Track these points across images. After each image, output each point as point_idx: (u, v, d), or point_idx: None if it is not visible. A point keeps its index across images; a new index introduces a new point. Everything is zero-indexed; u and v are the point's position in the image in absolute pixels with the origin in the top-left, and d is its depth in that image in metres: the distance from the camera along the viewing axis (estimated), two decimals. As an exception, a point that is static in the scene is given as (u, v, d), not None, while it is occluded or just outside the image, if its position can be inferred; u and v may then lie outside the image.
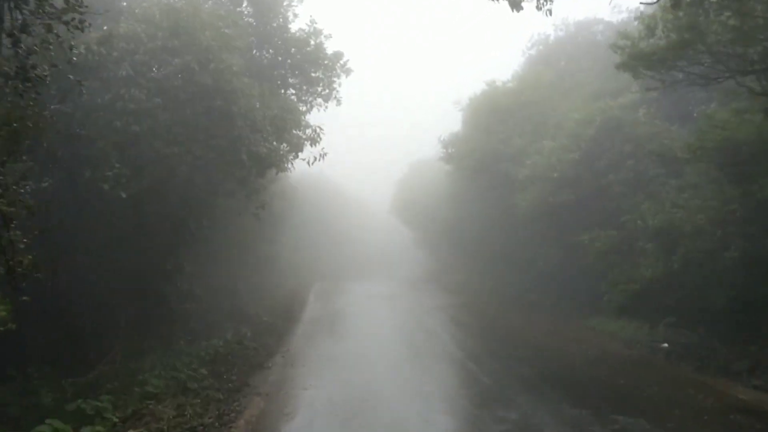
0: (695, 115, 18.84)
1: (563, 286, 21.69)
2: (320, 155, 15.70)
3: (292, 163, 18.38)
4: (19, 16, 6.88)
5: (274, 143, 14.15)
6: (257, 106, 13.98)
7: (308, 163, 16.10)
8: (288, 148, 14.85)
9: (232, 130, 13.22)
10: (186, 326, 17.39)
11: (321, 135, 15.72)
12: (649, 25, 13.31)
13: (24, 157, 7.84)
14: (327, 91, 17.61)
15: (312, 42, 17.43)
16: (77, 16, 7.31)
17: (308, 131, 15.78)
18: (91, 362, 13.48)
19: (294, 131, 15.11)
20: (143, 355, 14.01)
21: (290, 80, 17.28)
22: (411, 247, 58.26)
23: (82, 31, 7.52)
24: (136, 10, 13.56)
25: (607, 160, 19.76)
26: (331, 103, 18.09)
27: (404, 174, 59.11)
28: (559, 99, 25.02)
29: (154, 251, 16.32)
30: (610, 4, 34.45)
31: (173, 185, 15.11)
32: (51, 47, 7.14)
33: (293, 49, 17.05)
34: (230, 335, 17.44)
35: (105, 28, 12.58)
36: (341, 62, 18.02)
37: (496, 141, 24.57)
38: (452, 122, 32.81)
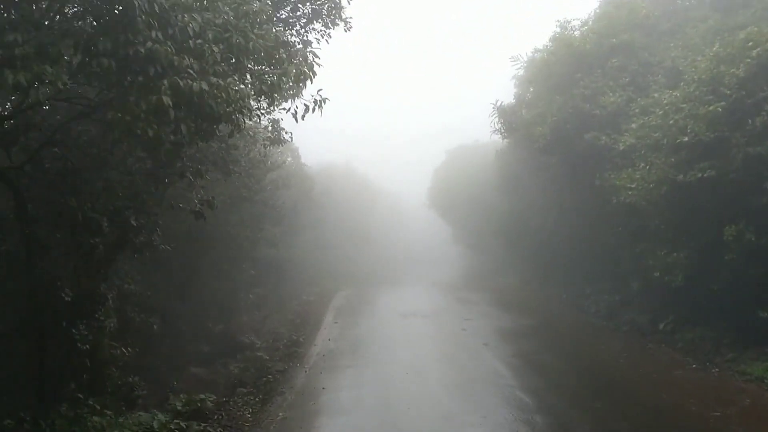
0: None
1: (696, 307, 14.66)
2: (316, 102, 9.20)
3: (266, 118, 12.02)
4: None
5: (225, 80, 7.60)
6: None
7: (295, 116, 9.54)
8: (253, 88, 8.39)
9: (132, 34, 6.79)
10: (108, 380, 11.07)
11: (315, 67, 9.13)
12: None
13: None
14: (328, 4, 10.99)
15: None
16: None
17: (295, 63, 9.17)
18: None
19: (269, 59, 8.56)
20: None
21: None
22: (451, 245, 51.33)
23: None
24: None
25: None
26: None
27: (442, 162, 52.17)
28: (664, 40, 17.87)
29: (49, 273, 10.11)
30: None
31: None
32: None
33: None
34: (182, 402, 10.94)
35: None
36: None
37: (577, 101, 17.53)
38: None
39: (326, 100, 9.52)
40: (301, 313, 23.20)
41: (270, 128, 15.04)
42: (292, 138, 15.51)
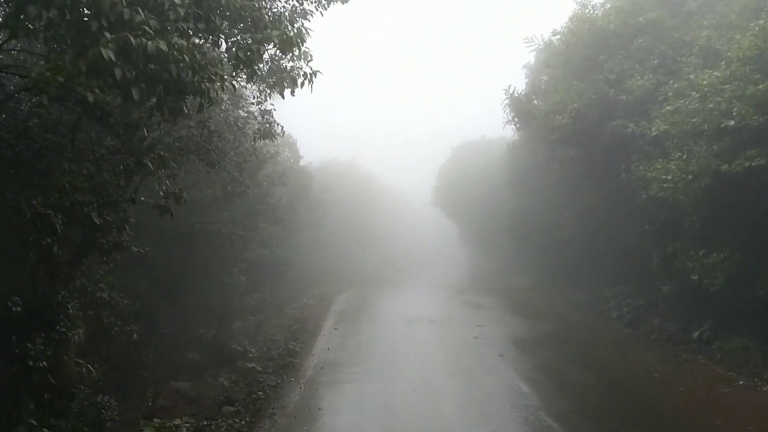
0: None
1: (737, 314, 13.08)
2: (306, 76, 7.65)
3: (256, 108, 10.51)
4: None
5: (189, 41, 6.09)
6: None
7: (285, 91, 7.98)
8: (228, 55, 6.86)
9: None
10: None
11: (305, 34, 7.59)
12: None
13: None
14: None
15: None
16: None
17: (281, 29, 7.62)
18: None
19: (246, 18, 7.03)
20: None
21: None
22: (457, 245, 49.83)
23: None
24: None
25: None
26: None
27: (447, 159, 50.62)
28: (694, 18, 16.27)
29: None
30: None
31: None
32: None
33: None
34: (154, 429, 9.42)
35: None
36: None
37: (600, 86, 15.94)
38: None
39: (318, 73, 8.01)
40: (300, 318, 21.67)
41: (260, 119, 13.52)
42: (283, 132, 14.00)
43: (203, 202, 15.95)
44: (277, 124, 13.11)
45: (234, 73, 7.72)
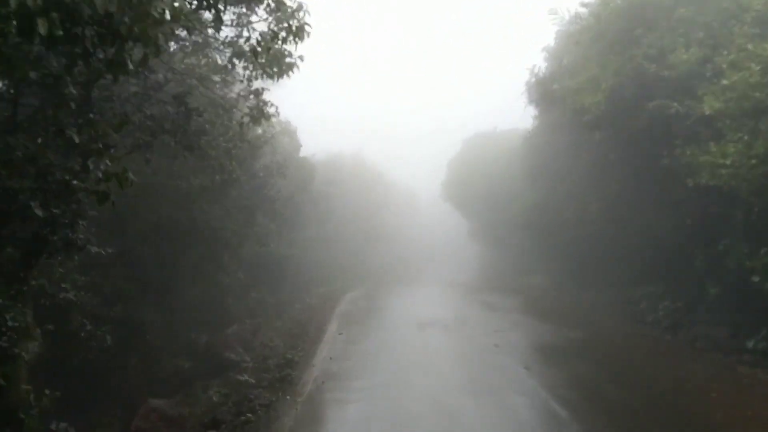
0: None
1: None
2: (291, 28, 5.86)
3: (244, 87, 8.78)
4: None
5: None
6: None
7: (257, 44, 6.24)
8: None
9: None
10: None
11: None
12: None
13: None
14: None
15: None
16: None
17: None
18: None
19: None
20: None
21: None
22: (468, 241, 48.09)
23: None
24: None
25: None
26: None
27: (457, 152, 48.78)
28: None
29: None
30: None
31: None
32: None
33: None
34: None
35: None
36: None
37: (639, 62, 14.07)
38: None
39: (307, 26, 6.28)
40: (302, 320, 19.98)
41: (251, 100, 11.75)
42: (278, 112, 12.26)
43: (190, 194, 14.29)
44: (271, 104, 11.37)
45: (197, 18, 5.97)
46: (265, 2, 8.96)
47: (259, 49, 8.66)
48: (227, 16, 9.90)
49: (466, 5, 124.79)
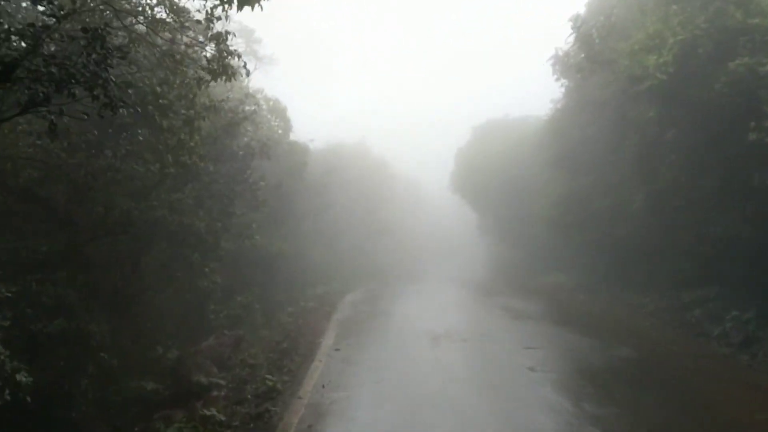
0: None
1: None
2: None
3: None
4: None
5: None
6: None
7: None
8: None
9: None
10: None
11: None
12: None
13: None
14: None
15: None
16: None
17: None
18: None
19: None
20: None
21: None
22: (479, 235, 45.14)
23: None
24: None
25: None
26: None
27: (466, 141, 45.76)
28: None
29: None
30: None
31: None
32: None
33: None
34: None
35: None
36: None
37: (717, 8, 11.00)
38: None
39: None
40: (293, 329, 17.06)
41: (212, 48, 8.77)
42: (247, 70, 9.33)
43: (146, 180, 11.36)
44: (237, 56, 8.41)
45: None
46: None
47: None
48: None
49: (467, 5, 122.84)
